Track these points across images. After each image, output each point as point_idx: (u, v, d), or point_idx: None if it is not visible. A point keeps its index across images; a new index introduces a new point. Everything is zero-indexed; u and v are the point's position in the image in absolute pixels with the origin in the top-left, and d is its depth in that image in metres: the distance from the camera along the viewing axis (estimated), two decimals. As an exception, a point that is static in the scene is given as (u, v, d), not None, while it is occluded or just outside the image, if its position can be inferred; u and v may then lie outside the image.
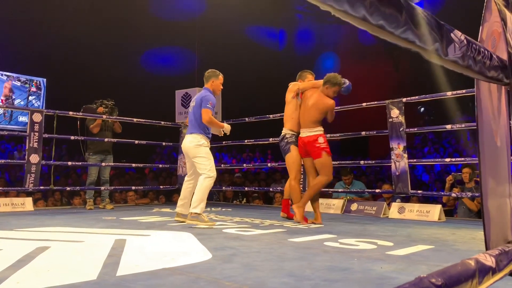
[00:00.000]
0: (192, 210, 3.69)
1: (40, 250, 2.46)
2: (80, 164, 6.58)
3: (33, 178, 5.26)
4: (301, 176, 4.74)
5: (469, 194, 4.62)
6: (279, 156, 4.45)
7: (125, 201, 6.73)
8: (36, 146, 5.30)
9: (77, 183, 7.51)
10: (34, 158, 5.27)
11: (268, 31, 15.94)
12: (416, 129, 5.87)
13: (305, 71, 4.40)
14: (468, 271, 1.17)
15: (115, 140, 5.96)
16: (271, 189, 6.96)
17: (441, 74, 8.37)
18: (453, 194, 4.82)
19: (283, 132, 4.23)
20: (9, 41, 10.43)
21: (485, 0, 1.73)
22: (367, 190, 5.74)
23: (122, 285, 1.76)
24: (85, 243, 2.83)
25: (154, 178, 8.36)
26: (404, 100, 4.87)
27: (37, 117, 5.36)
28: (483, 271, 1.24)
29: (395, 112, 4.87)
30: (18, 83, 11.28)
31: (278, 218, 4.36)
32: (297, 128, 4.14)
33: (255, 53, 13.68)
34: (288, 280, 1.84)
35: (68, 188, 6.13)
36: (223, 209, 5.72)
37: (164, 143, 7.26)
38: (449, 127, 4.93)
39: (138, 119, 6.42)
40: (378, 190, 5.65)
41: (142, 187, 7.01)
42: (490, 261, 1.31)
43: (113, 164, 6.12)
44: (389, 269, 2.05)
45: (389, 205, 5.00)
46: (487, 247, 1.66)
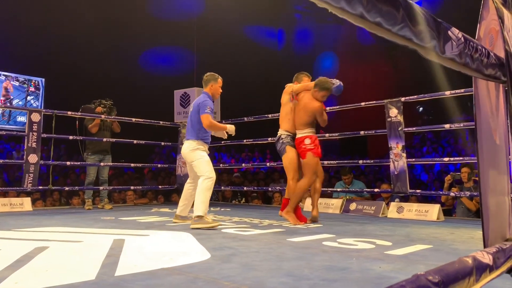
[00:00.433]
0: (195, 214, 3.63)
1: (39, 250, 2.45)
2: (79, 164, 6.58)
3: (32, 178, 5.25)
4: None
5: (468, 194, 4.63)
6: (278, 156, 4.44)
7: (124, 201, 6.72)
8: (35, 146, 5.30)
9: (76, 183, 7.50)
10: (33, 158, 5.26)
11: (267, 31, 15.95)
12: (415, 129, 5.87)
13: (301, 73, 4.38)
14: (466, 269, 1.16)
15: (114, 140, 5.96)
16: (270, 189, 6.96)
17: (440, 74, 8.37)
18: (452, 194, 4.82)
19: (279, 133, 4.26)
20: (8, 41, 10.42)
21: (483, -1, 1.73)
22: (366, 190, 5.74)
23: (121, 285, 1.75)
24: (84, 243, 2.82)
25: (153, 178, 8.36)
26: (403, 100, 4.87)
27: (36, 117, 5.36)
28: (481, 269, 1.24)
29: (394, 112, 4.87)
30: (17, 83, 11.27)
31: (277, 218, 4.36)
32: (293, 129, 4.17)
33: (254, 53, 13.68)
34: (287, 280, 1.84)
35: (67, 188, 6.12)
36: (222, 209, 5.72)
37: (163, 143, 7.25)
38: (448, 127, 4.94)
39: (137, 119, 6.42)
40: (377, 190, 5.65)
41: (141, 187, 7.00)
42: (488, 259, 1.31)
43: (112, 164, 6.11)
44: (388, 269, 2.05)
45: (388, 205, 5.00)
46: (485, 245, 1.66)
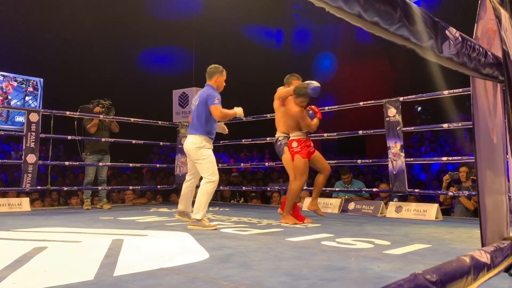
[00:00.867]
0: (193, 216, 3.59)
1: (37, 251, 2.45)
2: (77, 164, 6.57)
3: (30, 178, 5.25)
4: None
5: (466, 193, 4.63)
6: (277, 156, 4.46)
7: (123, 201, 6.72)
8: (33, 146, 5.29)
9: (75, 183, 7.49)
10: (31, 158, 5.26)
11: (266, 31, 15.96)
12: (413, 128, 5.88)
13: (292, 76, 4.34)
14: (463, 268, 1.17)
15: (113, 140, 5.96)
16: (269, 189, 6.96)
17: (438, 73, 8.39)
18: (450, 193, 4.83)
19: (276, 136, 4.33)
20: (6, 41, 10.40)
21: (480, -2, 1.73)
22: (365, 189, 5.74)
23: (119, 285, 1.75)
24: (82, 243, 2.82)
25: (152, 178, 8.35)
26: (401, 99, 4.87)
27: (34, 117, 5.35)
28: (478, 268, 1.25)
29: (392, 111, 4.87)
30: (15, 84, 11.25)
31: (276, 218, 4.36)
32: (291, 130, 4.19)
33: (253, 53, 13.69)
34: (286, 280, 1.84)
35: (65, 188, 6.11)
36: (221, 209, 5.72)
37: (162, 143, 7.25)
38: (446, 126, 4.94)
39: (136, 119, 6.41)
40: (376, 189, 5.66)
41: (140, 187, 7.00)
42: (485, 258, 1.31)
43: (111, 164, 6.10)
44: (386, 268, 2.06)
45: (386, 204, 5.00)
46: (483, 244, 1.66)
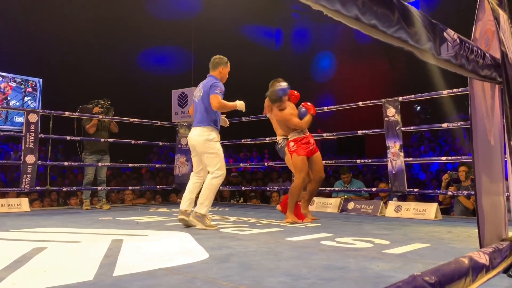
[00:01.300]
0: (197, 210, 3.51)
1: (37, 251, 2.45)
2: (77, 165, 6.57)
3: (29, 179, 5.25)
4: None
5: (465, 193, 4.64)
6: (276, 156, 4.48)
7: (122, 201, 6.72)
8: (32, 147, 5.29)
9: (74, 184, 7.49)
10: (30, 159, 5.26)
11: (265, 30, 15.96)
12: (413, 128, 5.89)
13: (275, 81, 4.30)
14: (462, 269, 1.17)
15: (112, 140, 5.96)
16: (268, 188, 6.97)
17: (437, 73, 8.39)
18: (449, 193, 4.84)
19: (277, 139, 4.39)
20: (5, 41, 10.39)
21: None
22: (364, 189, 5.75)
23: (119, 286, 1.76)
24: (82, 244, 2.82)
25: (151, 178, 8.35)
26: (400, 99, 4.88)
27: (33, 118, 5.35)
28: (477, 269, 1.25)
29: (392, 111, 4.88)
30: (14, 84, 11.24)
31: (275, 218, 4.37)
32: (287, 132, 4.25)
33: (252, 53, 13.68)
34: (285, 279, 1.84)
35: (65, 189, 6.11)
36: (220, 209, 5.72)
37: (161, 143, 7.25)
38: (445, 126, 4.94)
39: (135, 119, 6.41)
40: (375, 189, 5.66)
41: (139, 187, 7.00)
42: (484, 259, 1.32)
43: (110, 164, 6.10)
44: (386, 268, 2.06)
45: (386, 204, 5.00)
46: (481, 245, 1.67)
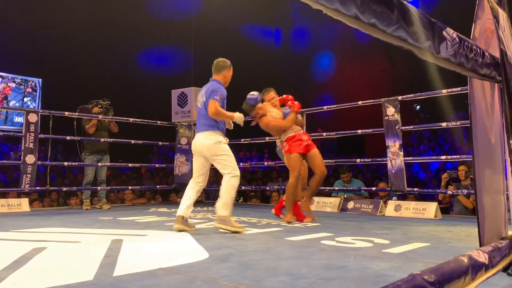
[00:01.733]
0: (220, 213, 3.34)
1: (37, 251, 2.45)
2: (77, 164, 6.56)
3: (29, 179, 5.25)
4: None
5: (465, 192, 4.64)
6: (276, 155, 4.51)
7: (122, 201, 6.72)
8: (32, 147, 5.29)
9: (74, 184, 7.49)
10: (30, 159, 5.25)
11: (264, 30, 15.95)
12: (412, 127, 5.89)
13: (266, 90, 4.42)
14: (461, 268, 1.17)
15: (112, 140, 5.96)
16: (268, 188, 6.96)
17: (436, 72, 8.40)
18: (449, 192, 4.84)
19: (277, 143, 4.52)
20: (5, 41, 10.39)
21: (478, -2, 1.74)
22: (364, 188, 5.75)
23: (119, 285, 1.76)
24: (82, 244, 2.82)
25: (151, 178, 8.35)
26: (400, 98, 4.88)
27: (33, 118, 5.35)
28: (476, 268, 1.25)
29: (391, 110, 4.88)
30: (13, 85, 11.24)
31: (275, 217, 4.37)
32: (280, 135, 4.34)
33: (251, 52, 13.67)
34: (285, 279, 1.84)
35: (65, 189, 6.11)
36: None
37: (161, 143, 7.25)
38: (445, 125, 4.94)
39: (134, 119, 6.41)
40: (375, 188, 5.66)
41: (139, 187, 7.00)
42: (483, 258, 1.32)
43: (110, 164, 6.10)
44: (386, 267, 2.06)
45: (386, 203, 5.01)
46: (481, 244, 1.67)
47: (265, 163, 7.95)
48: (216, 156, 3.44)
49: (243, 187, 6.89)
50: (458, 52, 1.32)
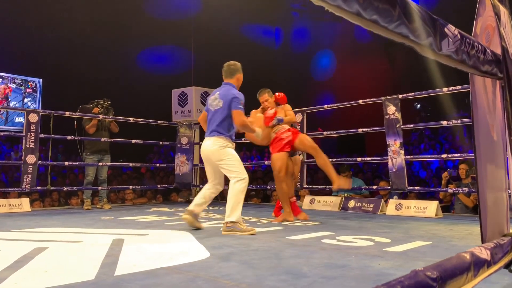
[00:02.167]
0: (228, 220, 3.26)
1: (38, 251, 2.45)
2: (77, 164, 6.56)
3: (30, 179, 5.25)
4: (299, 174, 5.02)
5: (466, 190, 4.64)
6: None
7: (123, 201, 6.72)
8: (33, 147, 5.29)
9: (75, 183, 7.49)
10: (31, 159, 5.25)
11: (264, 29, 15.93)
12: (413, 126, 5.89)
13: (262, 91, 4.42)
14: (464, 264, 1.17)
15: (112, 140, 5.96)
16: (269, 187, 6.95)
17: (437, 71, 8.39)
18: (450, 190, 4.83)
19: None
20: (5, 42, 10.38)
21: (479, -5, 1.73)
22: (364, 187, 5.75)
23: (120, 285, 1.75)
24: (83, 243, 2.82)
25: (152, 178, 8.35)
26: (400, 97, 4.88)
27: (33, 118, 5.35)
28: (478, 264, 1.25)
29: (392, 109, 4.88)
30: (13, 86, 11.23)
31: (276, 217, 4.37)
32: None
33: (251, 52, 13.65)
34: (286, 278, 1.84)
35: (65, 189, 6.11)
36: (221, 208, 5.71)
37: (161, 142, 7.25)
38: (445, 123, 4.94)
39: (135, 119, 6.41)
40: (375, 187, 5.66)
41: (140, 187, 7.00)
42: (485, 254, 1.32)
43: (111, 164, 6.10)
44: (387, 266, 2.06)
45: (386, 202, 5.00)
46: (483, 240, 1.67)
47: (266, 163, 7.94)
48: (220, 161, 3.39)
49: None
50: (460, 49, 1.31)
